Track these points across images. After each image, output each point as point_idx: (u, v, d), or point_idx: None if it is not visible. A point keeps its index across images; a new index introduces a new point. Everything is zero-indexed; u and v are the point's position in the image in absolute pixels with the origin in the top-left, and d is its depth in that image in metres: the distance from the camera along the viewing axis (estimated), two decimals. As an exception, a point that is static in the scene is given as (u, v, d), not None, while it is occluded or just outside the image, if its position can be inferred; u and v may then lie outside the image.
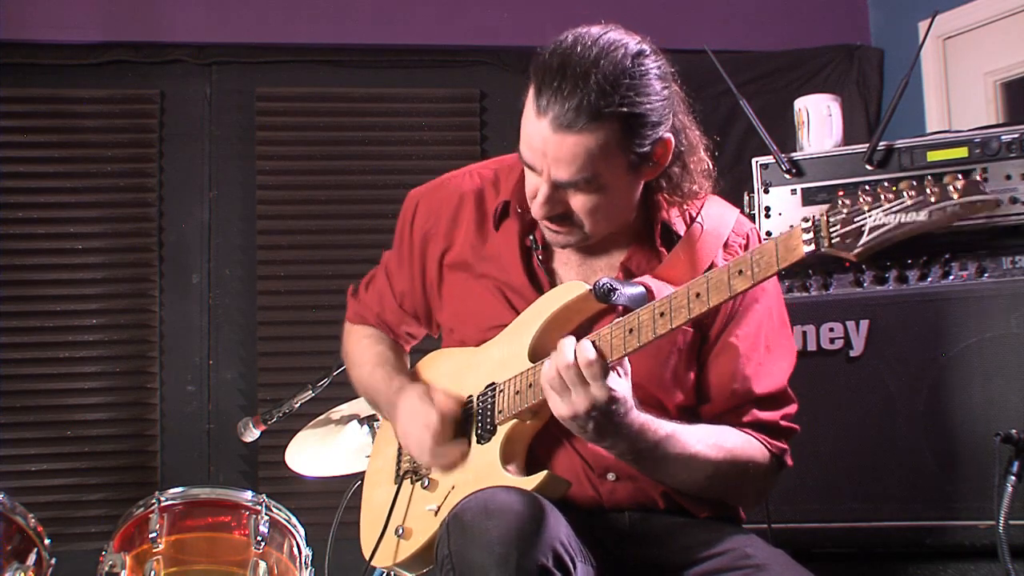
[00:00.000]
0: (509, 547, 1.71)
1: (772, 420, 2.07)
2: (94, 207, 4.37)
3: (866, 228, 1.61)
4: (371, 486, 2.30)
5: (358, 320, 2.41)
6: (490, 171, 2.23)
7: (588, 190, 1.93)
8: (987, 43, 4.17)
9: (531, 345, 2.00)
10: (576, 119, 1.85)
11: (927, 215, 1.56)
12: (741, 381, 2.05)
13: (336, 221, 4.48)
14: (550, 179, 1.92)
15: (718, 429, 2.02)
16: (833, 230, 1.64)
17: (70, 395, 4.28)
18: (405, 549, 2.09)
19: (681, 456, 1.94)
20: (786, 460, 2.10)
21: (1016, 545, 2.35)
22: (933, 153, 2.83)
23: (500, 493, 1.81)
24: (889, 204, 1.59)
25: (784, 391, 2.11)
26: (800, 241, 1.68)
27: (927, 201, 1.56)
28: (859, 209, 1.62)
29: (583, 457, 2.03)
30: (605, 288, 1.89)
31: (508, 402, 1.99)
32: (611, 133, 1.87)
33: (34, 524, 2.76)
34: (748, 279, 1.74)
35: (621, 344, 1.83)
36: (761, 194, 2.94)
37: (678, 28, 4.49)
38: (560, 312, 2.00)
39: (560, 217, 1.97)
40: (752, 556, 1.96)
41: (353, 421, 3.28)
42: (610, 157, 1.90)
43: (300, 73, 4.54)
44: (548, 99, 1.86)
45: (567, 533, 1.81)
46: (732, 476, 2.01)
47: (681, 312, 1.80)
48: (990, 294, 2.66)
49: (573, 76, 1.85)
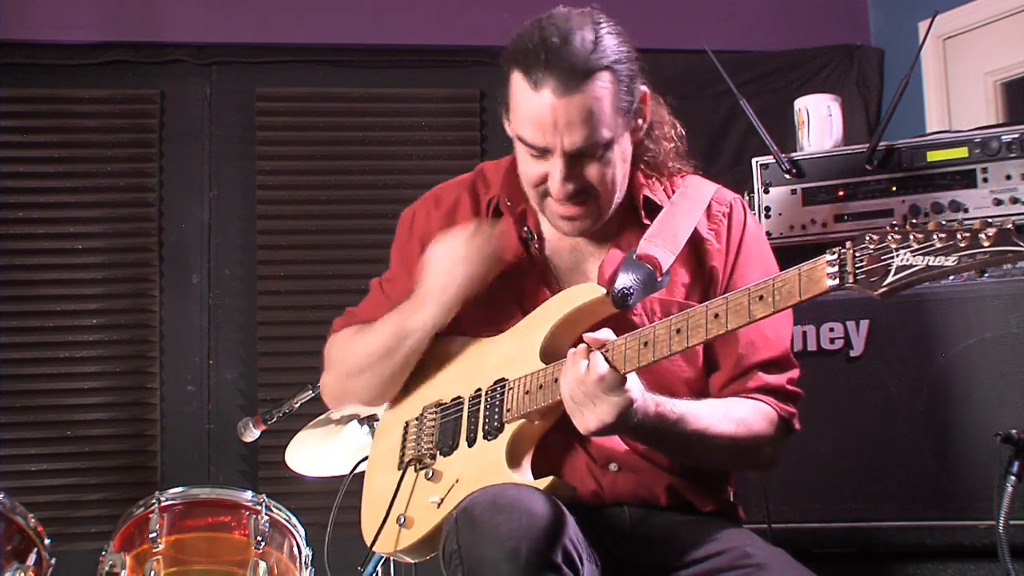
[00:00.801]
0: (519, 542, 1.72)
1: (779, 384, 2.10)
2: (94, 207, 4.37)
3: (892, 267, 1.59)
4: (374, 470, 2.29)
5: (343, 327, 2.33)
6: (476, 172, 2.28)
7: (600, 153, 1.98)
8: (987, 43, 4.17)
9: (542, 345, 2.02)
10: (573, 78, 1.93)
11: (956, 260, 1.53)
12: (746, 346, 2.08)
13: (336, 221, 4.47)
14: (564, 151, 1.97)
15: (728, 401, 2.05)
16: (859, 266, 1.62)
17: (70, 395, 4.27)
18: (406, 538, 2.09)
19: (696, 432, 1.96)
20: (794, 424, 2.12)
21: (1016, 545, 2.35)
22: (933, 153, 2.83)
23: (510, 489, 1.83)
24: (918, 245, 1.57)
25: (788, 355, 2.14)
26: (824, 275, 1.67)
27: (956, 246, 1.53)
28: (886, 247, 1.60)
29: (586, 449, 2.04)
30: (622, 294, 1.94)
31: (517, 401, 2.00)
32: (606, 85, 1.96)
33: (34, 524, 2.76)
34: (769, 306, 1.74)
35: (635, 356, 1.85)
36: (761, 194, 2.95)
37: (678, 28, 4.49)
38: (574, 314, 2.01)
39: (579, 193, 2.01)
40: (752, 555, 1.97)
41: (353, 421, 3.28)
42: (611, 110, 1.97)
43: (300, 73, 4.53)
44: (541, 72, 1.94)
45: (575, 531, 1.82)
46: (746, 446, 2.03)
47: (698, 331, 1.81)
48: (990, 294, 2.66)
49: (555, 46, 1.94)
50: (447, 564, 1.83)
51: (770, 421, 2.07)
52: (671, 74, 3.84)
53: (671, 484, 2.06)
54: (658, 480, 2.05)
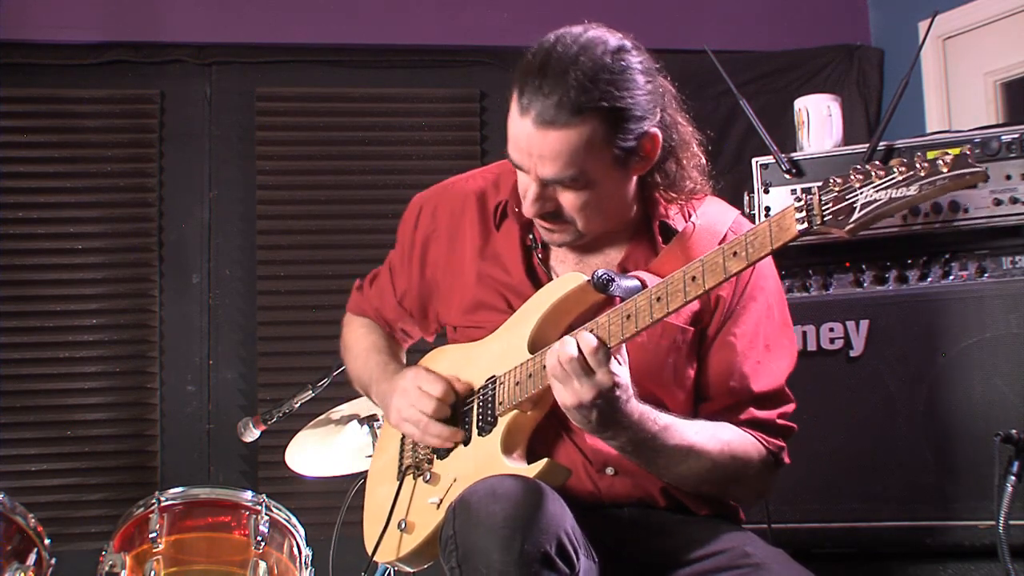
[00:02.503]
0: (514, 531, 1.72)
1: (769, 419, 2.08)
2: (94, 207, 4.37)
3: (858, 204, 1.63)
4: (374, 484, 2.31)
5: (357, 311, 2.45)
6: (493, 173, 2.26)
7: (575, 187, 1.95)
8: (987, 43, 4.17)
9: (531, 337, 2.02)
10: (557, 115, 1.88)
11: (917, 189, 1.60)
12: (739, 379, 2.06)
13: (336, 221, 4.47)
14: (537, 177, 1.95)
15: (715, 424, 2.02)
16: (825, 208, 1.66)
17: (70, 395, 4.27)
18: (408, 543, 2.09)
19: (679, 448, 1.95)
20: (783, 458, 2.11)
21: (1016, 545, 2.36)
22: (933, 153, 2.81)
23: (508, 480, 1.82)
24: (880, 180, 1.63)
25: (782, 390, 2.11)
26: (793, 220, 1.69)
27: (917, 176, 1.60)
28: (850, 186, 1.65)
29: (582, 451, 2.04)
30: (603, 279, 1.90)
31: (508, 393, 2.01)
32: (593, 128, 1.90)
33: (34, 524, 2.76)
34: (743, 260, 1.74)
35: (619, 330, 1.84)
36: (761, 194, 2.94)
37: (678, 28, 4.49)
38: (559, 303, 2.01)
39: (551, 215, 2.00)
40: (751, 555, 1.97)
41: (353, 421, 3.28)
42: (594, 152, 1.92)
43: (300, 73, 4.53)
44: (530, 98, 1.90)
45: (572, 524, 1.82)
46: (729, 471, 2.02)
47: (677, 296, 1.80)
48: (990, 294, 2.66)
49: (553, 74, 1.89)
50: (443, 551, 1.83)
51: (757, 451, 2.05)
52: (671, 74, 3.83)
53: (666, 488, 2.05)
54: (654, 484, 2.05)
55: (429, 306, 2.29)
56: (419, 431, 2.10)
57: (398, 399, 2.15)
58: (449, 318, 2.24)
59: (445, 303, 2.24)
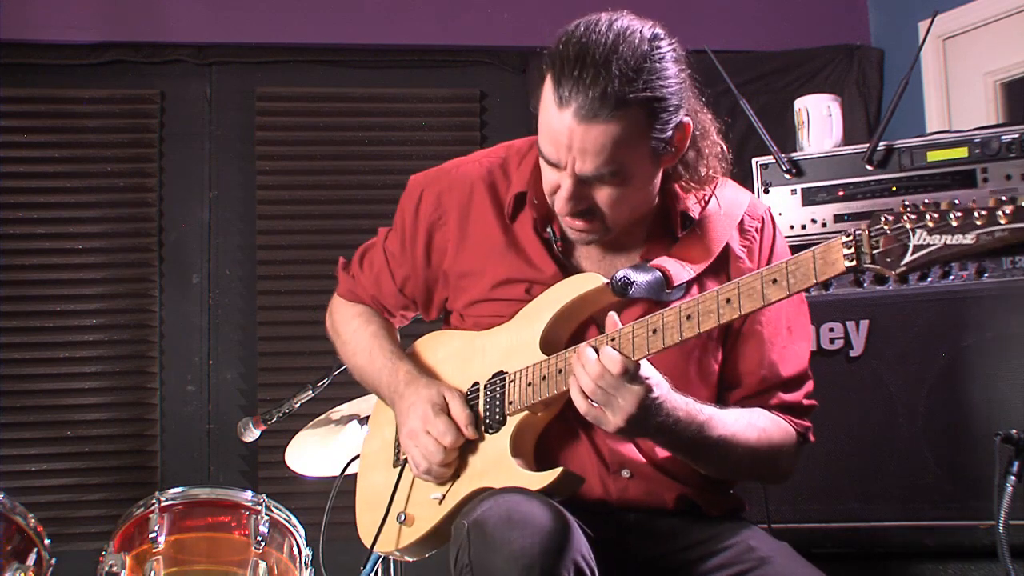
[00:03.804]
0: (533, 559, 1.69)
1: (796, 401, 2.08)
2: (94, 207, 4.37)
3: (910, 247, 1.55)
4: (367, 469, 2.26)
5: (351, 297, 2.36)
6: (498, 156, 2.17)
7: (613, 182, 1.89)
8: (987, 43, 4.17)
9: (542, 335, 1.97)
10: (602, 107, 1.80)
11: (974, 238, 1.50)
12: (768, 367, 2.05)
13: (336, 221, 4.47)
14: (574, 173, 1.88)
15: (749, 411, 2.01)
16: (875, 247, 1.59)
17: (70, 395, 4.28)
18: (408, 536, 2.07)
19: (722, 439, 1.92)
20: (809, 437, 2.12)
21: (1016, 545, 2.35)
22: (933, 153, 2.83)
23: (523, 502, 1.78)
24: (934, 225, 1.54)
25: (806, 370, 2.11)
26: (840, 255, 1.63)
27: (973, 224, 1.51)
28: (902, 227, 1.56)
29: (599, 452, 1.99)
30: (623, 283, 1.88)
31: (520, 394, 1.96)
32: (636, 120, 1.84)
33: (34, 524, 2.76)
34: (783, 289, 1.70)
35: (644, 344, 1.80)
36: (761, 194, 2.95)
37: (678, 28, 4.44)
38: (575, 303, 1.97)
39: (585, 212, 1.93)
40: (756, 548, 1.97)
41: (353, 421, 3.28)
42: (634, 145, 1.86)
43: (300, 73, 4.54)
44: (570, 89, 1.81)
45: (585, 547, 1.79)
46: (768, 457, 2.02)
47: (710, 317, 1.76)
48: (990, 294, 2.66)
49: (593, 64, 1.80)
50: (457, 574, 1.79)
51: (788, 434, 2.06)
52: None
53: (682, 493, 2.03)
54: (669, 489, 2.02)
55: (435, 293, 2.21)
56: (420, 472, 2.05)
57: (412, 424, 2.06)
58: (458, 305, 2.16)
59: (455, 291, 2.15)
